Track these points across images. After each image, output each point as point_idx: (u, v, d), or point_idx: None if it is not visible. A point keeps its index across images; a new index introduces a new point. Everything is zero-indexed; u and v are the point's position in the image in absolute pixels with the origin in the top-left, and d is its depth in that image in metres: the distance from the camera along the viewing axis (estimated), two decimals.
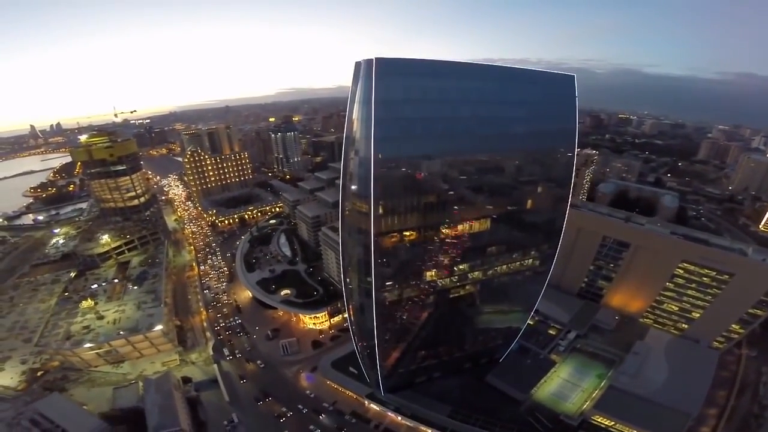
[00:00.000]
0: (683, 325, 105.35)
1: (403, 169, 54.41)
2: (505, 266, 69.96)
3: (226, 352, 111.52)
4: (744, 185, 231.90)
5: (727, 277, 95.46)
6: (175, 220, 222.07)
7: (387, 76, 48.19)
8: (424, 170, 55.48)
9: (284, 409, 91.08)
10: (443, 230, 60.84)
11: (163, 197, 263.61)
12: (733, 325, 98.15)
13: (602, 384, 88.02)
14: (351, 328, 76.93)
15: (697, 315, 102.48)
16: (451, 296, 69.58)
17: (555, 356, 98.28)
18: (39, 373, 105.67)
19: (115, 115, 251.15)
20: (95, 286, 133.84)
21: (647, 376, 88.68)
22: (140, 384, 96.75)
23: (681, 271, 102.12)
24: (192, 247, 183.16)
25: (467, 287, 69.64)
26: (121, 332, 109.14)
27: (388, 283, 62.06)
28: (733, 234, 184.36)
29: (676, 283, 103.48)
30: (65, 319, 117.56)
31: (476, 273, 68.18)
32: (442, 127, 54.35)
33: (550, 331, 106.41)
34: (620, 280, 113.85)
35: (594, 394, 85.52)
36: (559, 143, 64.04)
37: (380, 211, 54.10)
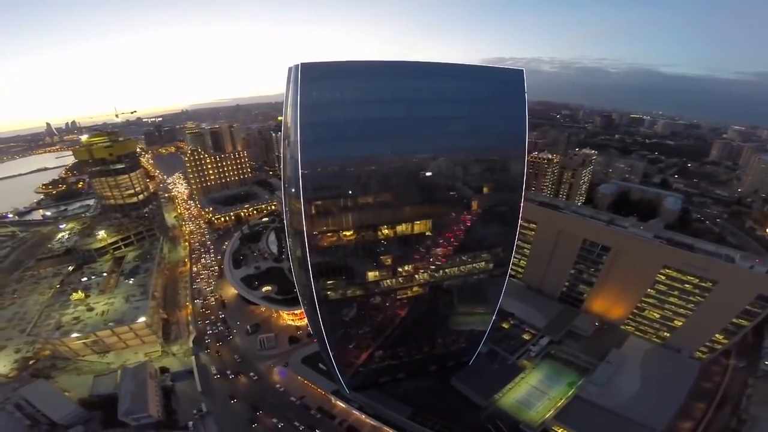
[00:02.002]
0: (665, 334, 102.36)
1: (334, 171, 54.93)
2: (455, 269, 69.36)
3: (213, 370, 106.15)
4: (754, 187, 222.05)
5: (710, 284, 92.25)
6: (175, 217, 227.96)
7: (313, 81, 49.01)
8: (357, 171, 55.83)
9: (275, 420, 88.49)
10: (382, 231, 61.05)
11: (166, 195, 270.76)
12: (717, 335, 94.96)
13: (570, 393, 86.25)
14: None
15: (680, 323, 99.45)
16: (400, 297, 69.64)
17: (526, 362, 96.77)
18: (31, 362, 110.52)
19: (116, 116, 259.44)
20: (85, 279, 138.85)
21: (617, 387, 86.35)
22: (119, 372, 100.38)
23: (663, 277, 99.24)
24: (187, 243, 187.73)
25: (415, 289, 69.43)
26: (110, 323, 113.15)
27: (328, 282, 62.82)
28: (738, 238, 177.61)
29: (657, 289, 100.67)
30: (58, 310, 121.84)
31: (423, 275, 67.89)
32: (374, 128, 54.43)
33: (524, 336, 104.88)
34: (601, 285, 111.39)
35: (560, 404, 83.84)
36: (507, 142, 62.40)
37: (312, 211, 55.03)
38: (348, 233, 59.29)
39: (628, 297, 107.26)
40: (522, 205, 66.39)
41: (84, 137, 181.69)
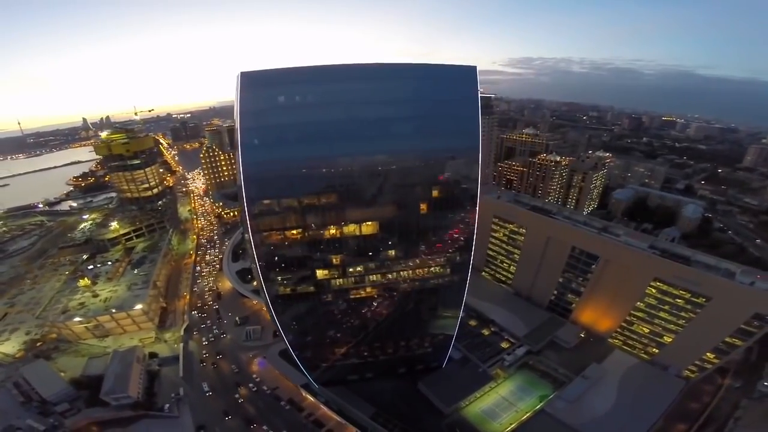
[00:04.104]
0: (654, 350, 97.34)
1: (275, 173, 56.28)
2: (408, 272, 69.06)
3: (205, 387, 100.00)
4: None
5: (703, 300, 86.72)
6: (189, 210, 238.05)
7: (252, 88, 51.04)
8: (299, 173, 57.00)
9: (265, 427, 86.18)
10: (328, 231, 61.91)
11: (184, 189, 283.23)
12: (708, 354, 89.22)
13: (538, 407, 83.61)
14: None
15: (669, 340, 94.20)
16: (354, 297, 70.44)
17: (500, 371, 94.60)
18: (38, 344, 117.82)
19: (135, 114, 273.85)
20: (90, 267, 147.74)
21: (588, 404, 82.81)
22: (111, 355, 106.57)
23: (653, 291, 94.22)
24: (194, 236, 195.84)
25: (369, 290, 69.92)
26: (111, 310, 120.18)
27: (277, 278, 64.80)
28: (761, 250, 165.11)
29: (647, 303, 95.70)
30: (67, 295, 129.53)
31: (375, 277, 68.12)
32: (313, 131, 55.12)
33: (503, 344, 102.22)
34: (589, 295, 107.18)
35: (524, 418, 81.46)
36: (458, 141, 60.45)
37: (255, 210, 57.03)
38: (293, 232, 60.77)
39: (616, 309, 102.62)
40: (477, 208, 64.64)
41: (104, 134, 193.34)
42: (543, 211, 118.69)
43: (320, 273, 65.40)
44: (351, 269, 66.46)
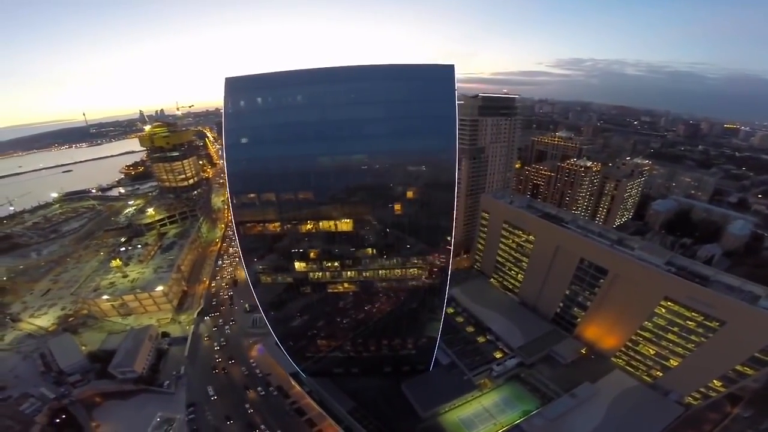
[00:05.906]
0: (657, 373, 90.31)
1: (255, 170, 59.95)
2: (384, 271, 69.80)
3: (210, 391, 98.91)
4: None
5: (716, 324, 79.27)
6: (222, 201, 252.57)
7: (235, 92, 55.69)
8: (276, 171, 59.93)
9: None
10: (305, 226, 64.72)
11: (221, 180, 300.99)
12: (715, 381, 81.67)
13: (517, 422, 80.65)
14: None
15: (675, 363, 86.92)
16: (331, 291, 72.70)
17: (487, 381, 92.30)
18: (70, 319, 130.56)
19: (177, 109, 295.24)
20: (123, 249, 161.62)
21: (568, 424, 78.72)
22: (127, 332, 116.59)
23: (663, 310, 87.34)
24: (223, 225, 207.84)
25: (346, 285, 71.82)
26: (136, 290, 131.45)
27: (259, 266, 68.85)
28: None
29: (656, 323, 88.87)
30: (101, 275, 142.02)
31: (350, 273, 69.63)
32: (290, 132, 58.01)
33: (496, 354, 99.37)
34: (596, 310, 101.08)
35: (501, 431, 79.11)
36: (433, 142, 59.43)
37: (237, 202, 61.52)
38: (271, 225, 64.34)
39: (622, 327, 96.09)
40: (455, 211, 63.62)
41: (147, 127, 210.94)
42: (555, 218, 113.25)
43: (297, 265, 68.62)
44: (327, 264, 68.86)
